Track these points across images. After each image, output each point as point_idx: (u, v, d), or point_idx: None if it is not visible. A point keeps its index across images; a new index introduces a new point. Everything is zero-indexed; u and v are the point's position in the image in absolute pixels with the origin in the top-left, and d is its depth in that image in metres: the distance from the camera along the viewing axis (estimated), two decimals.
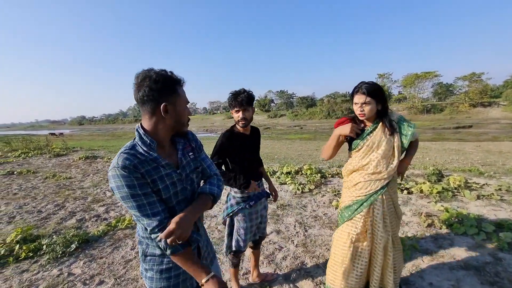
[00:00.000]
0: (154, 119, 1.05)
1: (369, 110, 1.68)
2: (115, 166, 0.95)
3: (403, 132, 1.75)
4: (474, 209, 3.52)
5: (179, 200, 1.10)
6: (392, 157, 1.74)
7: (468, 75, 48.93)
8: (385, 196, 1.76)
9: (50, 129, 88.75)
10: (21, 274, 2.56)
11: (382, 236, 1.74)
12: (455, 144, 14.51)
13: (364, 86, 1.68)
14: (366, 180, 1.76)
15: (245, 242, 2.02)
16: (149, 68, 1.03)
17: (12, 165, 8.40)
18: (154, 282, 1.11)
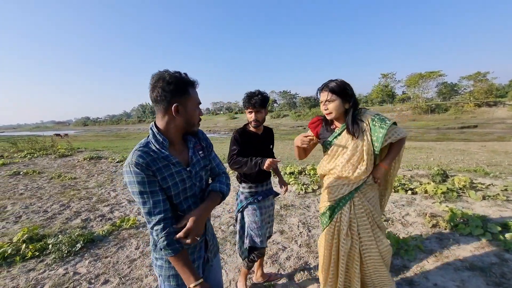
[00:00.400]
0: (166, 118, 1.10)
1: (333, 108, 1.57)
2: (129, 163, 1.02)
3: (374, 133, 1.57)
4: (479, 209, 3.49)
5: (188, 196, 1.16)
6: (360, 161, 1.59)
7: (473, 75, 48.51)
8: (355, 202, 1.64)
9: (55, 130, 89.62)
10: (28, 273, 2.59)
11: (343, 243, 1.62)
12: (460, 144, 14.38)
13: (328, 83, 1.60)
14: (333, 184, 1.66)
15: (261, 237, 1.95)
16: (164, 70, 1.08)
17: (18, 166, 8.50)
18: (163, 270, 1.17)
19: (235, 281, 2.39)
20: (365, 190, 1.64)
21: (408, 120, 43.44)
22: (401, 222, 3.27)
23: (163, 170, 1.06)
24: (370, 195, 1.66)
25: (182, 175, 1.12)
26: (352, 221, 1.62)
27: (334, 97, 1.55)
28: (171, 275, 1.17)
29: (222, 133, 36.01)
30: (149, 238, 3.17)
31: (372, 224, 1.65)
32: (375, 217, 1.66)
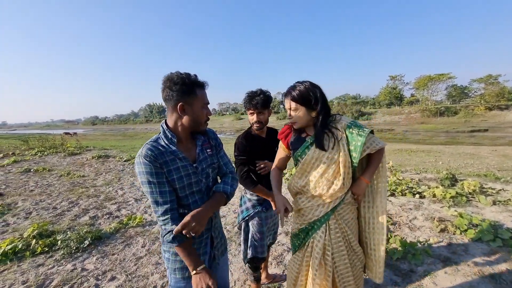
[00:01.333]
0: (174, 116, 1.18)
1: (297, 117, 1.39)
2: (140, 155, 1.12)
3: (351, 142, 1.37)
4: (489, 215, 3.41)
5: (193, 191, 1.21)
6: (336, 175, 1.38)
7: (484, 77, 47.54)
8: (331, 225, 1.42)
9: (65, 129, 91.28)
10: (37, 268, 2.65)
11: (316, 274, 1.40)
12: (470, 148, 14.10)
13: (291, 89, 1.39)
14: (306, 206, 1.46)
15: (263, 247, 1.94)
16: (175, 71, 1.15)
17: (29, 163, 8.68)
18: (170, 262, 1.23)
19: (240, 281, 2.39)
20: (342, 210, 1.44)
21: (416, 123, 42.83)
22: (408, 226, 3.23)
23: (170, 164, 1.14)
24: (348, 217, 1.46)
25: (187, 170, 1.18)
26: (326, 247, 1.40)
27: (297, 105, 1.36)
28: (177, 268, 1.23)
29: (228, 134, 36.11)
30: (155, 237, 3.22)
31: (349, 249, 1.46)
32: (351, 241, 1.46)
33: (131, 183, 5.91)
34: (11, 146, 14.06)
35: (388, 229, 3.18)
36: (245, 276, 2.45)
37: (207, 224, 1.26)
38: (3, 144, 15.16)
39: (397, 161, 8.55)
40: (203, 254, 1.27)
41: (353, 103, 61.05)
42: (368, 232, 1.51)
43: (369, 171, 1.44)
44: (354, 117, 53.46)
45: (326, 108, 1.39)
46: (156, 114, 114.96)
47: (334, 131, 1.39)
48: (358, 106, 58.82)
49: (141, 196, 4.93)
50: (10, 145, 14.45)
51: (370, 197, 1.51)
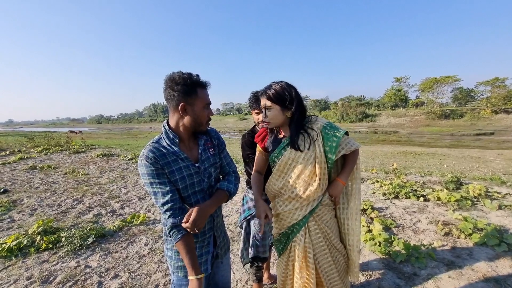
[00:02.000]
0: (176, 117, 1.19)
1: (271, 116, 1.37)
2: (141, 156, 1.14)
3: (327, 143, 1.37)
4: (495, 219, 3.37)
5: (196, 190, 1.22)
6: (313, 176, 1.38)
7: (491, 80, 46.93)
8: (310, 227, 1.43)
9: (70, 127, 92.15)
10: (41, 264, 2.68)
11: (297, 277, 1.42)
12: (475, 151, 13.95)
13: (267, 88, 1.39)
14: (284, 210, 1.45)
15: (265, 247, 1.94)
16: (177, 71, 1.16)
17: (35, 160, 8.78)
18: (172, 261, 1.25)
19: (242, 281, 2.39)
20: (321, 212, 1.44)
21: (421, 125, 42.49)
22: (412, 229, 3.20)
23: (172, 164, 1.15)
24: (326, 217, 1.46)
25: (190, 169, 1.19)
26: (307, 250, 1.41)
27: (272, 104, 1.35)
28: (180, 266, 1.23)
29: (232, 134, 36.18)
30: (158, 235, 3.23)
31: (330, 247, 1.48)
32: (332, 239, 1.47)
33: (135, 182, 5.95)
34: (18, 143, 14.23)
35: (390, 231, 3.16)
36: (247, 276, 2.45)
37: (210, 224, 1.27)
38: (10, 141, 15.34)
39: (401, 164, 8.49)
40: (206, 254, 1.28)
41: (357, 105, 60.57)
42: (344, 233, 1.53)
43: (345, 172, 1.45)
44: (358, 119, 53.24)
45: (301, 108, 1.39)
46: (160, 113, 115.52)
47: (309, 131, 1.39)
48: (362, 107, 58.38)
49: (145, 195, 4.96)
50: (17, 142, 14.62)
51: (345, 198, 1.53)
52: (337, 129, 1.38)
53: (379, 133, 36.10)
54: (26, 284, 2.36)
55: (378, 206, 3.97)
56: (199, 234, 1.23)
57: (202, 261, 1.27)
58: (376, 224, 3.14)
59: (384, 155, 11.39)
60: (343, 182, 1.44)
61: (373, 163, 8.82)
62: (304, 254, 1.42)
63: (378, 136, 32.97)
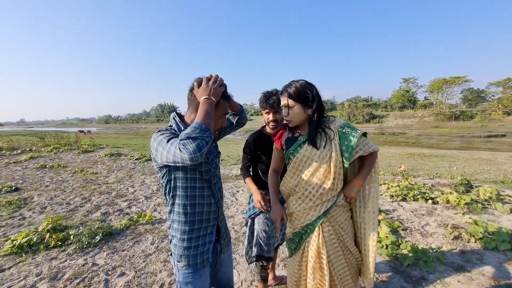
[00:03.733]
0: (192, 116, 1.25)
1: (294, 115, 1.38)
2: (156, 133, 1.17)
3: (343, 142, 1.36)
4: (506, 223, 3.29)
5: (203, 179, 1.26)
6: (327, 175, 1.37)
7: (503, 81, 45.91)
8: (324, 228, 1.41)
9: (79, 127, 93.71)
10: (50, 261, 2.72)
11: (310, 278, 1.41)
12: (486, 153, 13.64)
13: (287, 87, 1.39)
14: (298, 209, 1.44)
15: (269, 247, 1.93)
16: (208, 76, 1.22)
17: (45, 159, 8.96)
18: (176, 248, 1.26)
19: (247, 281, 2.39)
20: (335, 213, 1.42)
21: (430, 126, 41.82)
22: (420, 232, 3.15)
23: None
24: (341, 218, 1.44)
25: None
26: (321, 251, 1.39)
27: (293, 102, 1.36)
28: (184, 254, 1.25)
29: (237, 135, 36.26)
30: (164, 235, 3.26)
31: (344, 249, 1.45)
32: (346, 241, 1.44)
33: (142, 181, 6.01)
34: (29, 142, 14.55)
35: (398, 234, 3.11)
36: (252, 277, 2.45)
37: (214, 214, 1.32)
38: (21, 141, 15.70)
39: (409, 166, 8.36)
40: (209, 243, 1.30)
41: (364, 106, 60.05)
42: (360, 237, 1.49)
43: (362, 174, 1.42)
44: (365, 120, 52.70)
45: (321, 106, 1.40)
46: (167, 113, 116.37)
47: (327, 130, 1.39)
48: (369, 108, 57.85)
49: (151, 194, 5.01)
50: (28, 142, 14.95)
51: (362, 202, 1.48)
52: (355, 130, 1.37)
53: (387, 135, 35.65)
54: (36, 280, 2.41)
55: (385, 209, 3.92)
56: (204, 222, 1.27)
57: (204, 250, 1.28)
58: (383, 227, 3.09)
59: (392, 157, 11.24)
60: (359, 184, 1.41)
61: (380, 164, 8.71)
62: (317, 255, 1.40)
63: (386, 137, 32.56)
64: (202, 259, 1.28)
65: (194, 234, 1.26)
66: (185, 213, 1.24)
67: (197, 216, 1.26)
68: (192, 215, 1.25)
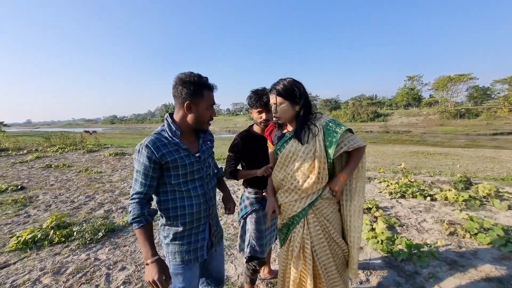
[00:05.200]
0: (181, 113, 1.29)
1: (282, 111, 1.43)
2: (142, 143, 1.22)
3: (327, 138, 1.40)
4: (503, 219, 3.30)
5: (195, 178, 1.33)
6: (312, 169, 1.42)
7: (508, 78, 45.16)
8: (309, 220, 1.47)
9: (85, 127, 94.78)
10: (54, 257, 2.82)
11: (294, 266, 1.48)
12: (491, 151, 13.52)
13: (276, 84, 1.44)
14: (285, 201, 1.51)
15: (262, 247, 1.89)
16: (188, 71, 1.26)
17: (50, 159, 9.13)
18: (169, 247, 1.32)
19: (244, 275, 2.45)
20: (321, 205, 1.47)
21: (435, 124, 41.41)
22: (417, 228, 3.18)
23: (174, 153, 1.25)
24: (327, 211, 1.48)
25: (190, 158, 1.30)
26: (305, 241, 1.46)
27: (282, 99, 1.42)
28: (177, 251, 1.31)
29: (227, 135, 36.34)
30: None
31: (330, 241, 1.50)
32: (331, 233, 1.49)
33: None
34: (35, 143, 14.79)
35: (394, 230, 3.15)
36: None
37: (205, 212, 1.37)
38: (28, 141, 15.98)
39: (412, 164, 8.35)
40: (202, 240, 1.36)
41: (368, 104, 59.63)
42: (346, 229, 1.55)
43: (347, 168, 1.45)
44: (370, 119, 52.33)
45: (308, 103, 1.46)
46: None
47: (312, 127, 1.44)
48: (374, 107, 57.42)
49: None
50: (34, 142, 15.20)
51: (349, 195, 1.53)
52: (339, 126, 1.40)
53: (391, 133, 35.43)
54: (39, 275, 2.50)
55: (383, 205, 3.95)
56: (195, 221, 1.32)
57: (198, 247, 1.34)
58: (380, 223, 3.13)
59: (395, 155, 11.21)
60: (344, 178, 1.44)
61: (383, 162, 8.71)
62: (301, 244, 1.47)
63: (390, 136, 32.36)
64: (196, 255, 1.34)
65: (186, 232, 1.31)
66: (176, 211, 1.28)
67: (187, 215, 1.29)
68: (183, 213, 1.29)
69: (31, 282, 2.39)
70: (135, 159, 1.23)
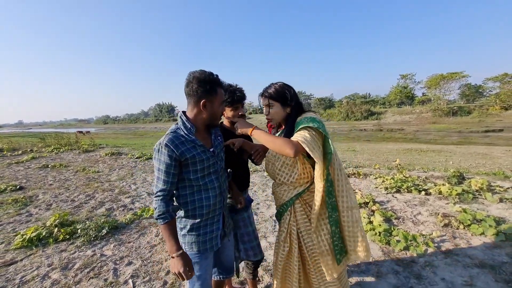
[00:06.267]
0: (195, 110, 1.33)
1: (274, 113, 1.52)
2: (161, 143, 1.26)
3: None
4: (495, 211, 3.44)
5: (210, 172, 1.39)
6: (295, 165, 1.51)
7: (500, 76, 46.13)
8: (296, 208, 1.56)
9: (78, 127, 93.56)
10: (60, 253, 2.86)
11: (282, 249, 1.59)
12: (483, 148, 13.83)
13: (267, 88, 1.53)
14: (276, 190, 1.64)
15: (254, 250, 1.83)
16: (200, 70, 1.30)
17: (46, 159, 9.07)
18: (186, 238, 1.39)
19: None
20: (308, 197, 1.55)
21: (427, 122, 42.06)
22: (412, 221, 3.30)
23: (192, 150, 1.30)
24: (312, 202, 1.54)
25: (206, 153, 1.35)
26: (291, 227, 1.57)
27: (273, 102, 1.50)
28: (194, 241, 1.38)
29: None
30: None
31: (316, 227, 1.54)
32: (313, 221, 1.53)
33: (143, 179, 6.14)
34: (29, 143, 14.62)
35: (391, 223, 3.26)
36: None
37: (220, 203, 1.44)
38: (21, 142, 15.76)
39: (406, 161, 8.52)
40: (216, 230, 1.44)
41: (362, 103, 60.25)
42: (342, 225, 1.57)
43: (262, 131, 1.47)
44: (363, 117, 52.82)
45: (299, 105, 1.55)
46: (165, 113, 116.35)
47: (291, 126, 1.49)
48: (368, 105, 57.99)
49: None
50: (28, 143, 15.02)
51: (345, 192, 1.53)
52: (301, 123, 1.40)
53: (385, 131, 35.85)
54: (48, 270, 2.55)
55: (379, 200, 4.07)
56: (211, 212, 1.39)
57: (213, 236, 1.42)
58: (377, 216, 3.24)
59: (389, 152, 11.41)
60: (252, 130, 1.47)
61: (377, 160, 8.86)
62: (288, 229, 1.59)
63: (384, 134, 32.75)
64: (212, 245, 1.41)
65: (202, 223, 1.38)
66: (195, 204, 1.35)
67: (205, 207, 1.36)
68: (200, 205, 1.35)
69: (40, 278, 2.43)
70: (155, 158, 1.27)
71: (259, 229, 3.30)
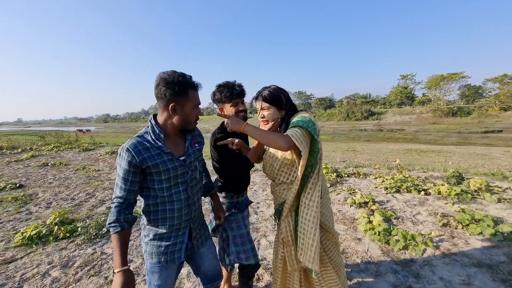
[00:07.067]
0: (165, 114, 1.25)
1: (269, 116, 1.53)
2: (123, 147, 1.19)
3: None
4: (493, 211, 3.46)
5: (178, 182, 1.29)
6: (293, 165, 1.52)
7: (499, 77, 46.21)
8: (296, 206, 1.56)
9: (78, 126, 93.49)
10: (60, 251, 2.87)
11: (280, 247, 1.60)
12: (482, 148, 13.85)
13: (261, 91, 1.54)
14: (274, 189, 1.64)
15: (247, 253, 1.75)
16: (170, 70, 1.21)
17: (46, 158, 9.07)
18: (148, 246, 1.32)
19: None
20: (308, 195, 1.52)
21: (428, 123, 42.12)
22: (411, 220, 3.32)
23: (156, 158, 1.21)
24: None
25: (174, 162, 1.26)
26: (289, 220, 1.56)
27: (268, 105, 1.51)
28: (154, 252, 1.30)
29: None
30: None
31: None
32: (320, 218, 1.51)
33: None
34: (28, 141, 14.63)
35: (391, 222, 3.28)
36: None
37: (186, 216, 1.34)
38: (20, 140, 15.76)
39: (406, 161, 8.53)
40: (180, 243, 1.34)
41: (362, 103, 60.22)
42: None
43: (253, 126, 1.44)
44: (364, 117, 52.88)
45: (293, 108, 1.57)
46: None
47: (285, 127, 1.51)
48: (368, 105, 58.00)
49: None
50: (27, 141, 15.02)
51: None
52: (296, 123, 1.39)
53: (385, 131, 35.90)
54: (48, 268, 2.56)
55: (379, 200, 4.08)
56: (175, 225, 1.30)
57: (176, 249, 1.33)
58: (377, 216, 3.25)
59: (389, 153, 11.42)
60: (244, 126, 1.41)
61: (377, 160, 8.88)
62: (285, 225, 1.57)
63: (384, 134, 32.79)
64: (173, 257, 1.32)
65: (165, 235, 1.29)
66: (157, 215, 1.26)
67: (168, 219, 1.27)
68: (164, 217, 1.26)
69: (40, 275, 2.45)
70: (117, 162, 1.19)
71: (259, 228, 3.32)
